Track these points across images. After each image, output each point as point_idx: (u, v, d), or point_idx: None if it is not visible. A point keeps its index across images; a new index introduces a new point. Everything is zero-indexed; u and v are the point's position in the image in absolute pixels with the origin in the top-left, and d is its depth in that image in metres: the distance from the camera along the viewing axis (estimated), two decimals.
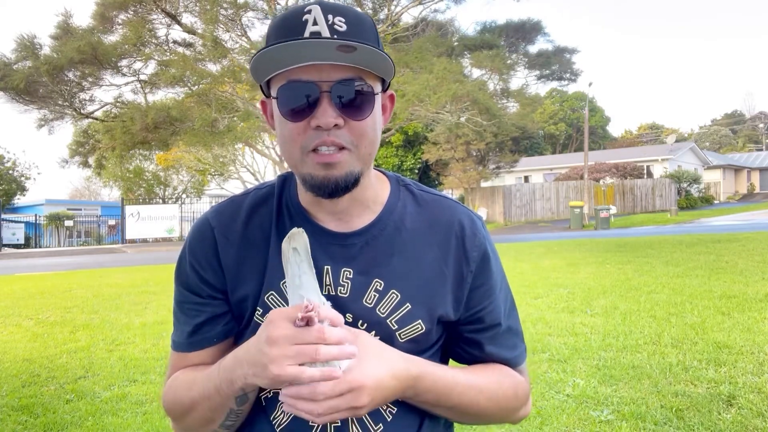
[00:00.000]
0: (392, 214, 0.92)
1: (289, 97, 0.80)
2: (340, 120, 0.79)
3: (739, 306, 5.69)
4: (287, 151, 0.83)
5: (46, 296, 8.76)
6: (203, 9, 16.06)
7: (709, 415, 3.10)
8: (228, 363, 0.80)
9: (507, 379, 0.94)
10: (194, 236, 0.94)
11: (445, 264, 0.90)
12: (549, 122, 49.94)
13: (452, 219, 0.93)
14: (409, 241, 0.90)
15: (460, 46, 19.36)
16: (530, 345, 4.69)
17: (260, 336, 0.72)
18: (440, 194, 0.98)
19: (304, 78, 0.78)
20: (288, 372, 0.68)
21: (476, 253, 0.92)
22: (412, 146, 27.60)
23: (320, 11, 0.77)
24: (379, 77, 0.84)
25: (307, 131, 0.80)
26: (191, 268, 0.91)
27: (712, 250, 10.49)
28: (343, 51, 0.75)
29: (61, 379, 4.37)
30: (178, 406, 0.89)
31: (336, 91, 0.78)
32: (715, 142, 60.16)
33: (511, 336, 0.96)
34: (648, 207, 29.51)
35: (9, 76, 15.20)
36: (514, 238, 18.32)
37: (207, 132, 16.53)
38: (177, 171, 35.65)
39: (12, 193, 33.01)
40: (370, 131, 0.82)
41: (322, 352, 0.68)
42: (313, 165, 0.80)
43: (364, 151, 0.82)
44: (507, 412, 0.95)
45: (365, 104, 0.81)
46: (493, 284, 0.94)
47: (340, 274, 0.87)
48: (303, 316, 0.68)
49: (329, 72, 0.78)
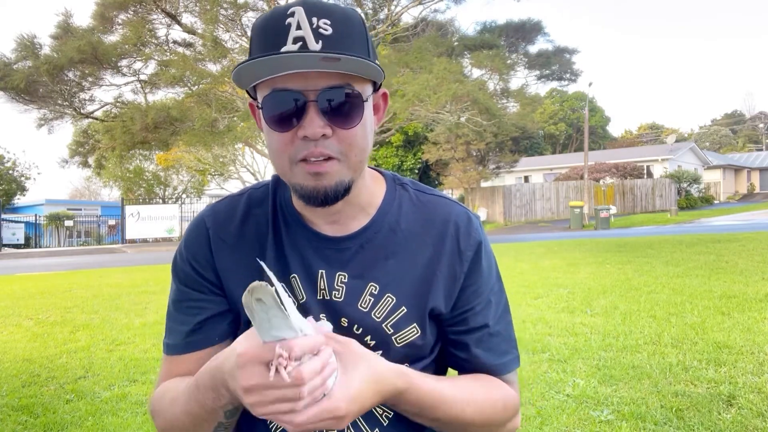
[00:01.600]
0: (387, 215, 0.90)
1: (275, 106, 0.77)
2: (327, 129, 0.76)
3: (739, 306, 5.69)
4: (276, 160, 0.81)
5: (46, 296, 8.75)
6: (203, 9, 16.06)
7: (709, 415, 3.10)
8: (206, 380, 0.75)
9: (496, 391, 0.90)
10: (190, 235, 0.92)
11: (438, 263, 0.89)
12: (549, 122, 49.93)
13: (448, 218, 0.91)
14: (403, 243, 0.89)
15: (460, 46, 19.35)
16: (530, 345, 4.68)
17: (233, 375, 0.67)
18: (437, 193, 0.96)
19: (289, 86, 0.75)
20: (270, 410, 0.65)
21: (470, 252, 0.90)
22: (412, 146, 27.59)
23: (304, 14, 0.73)
24: (369, 79, 0.81)
25: (295, 141, 0.77)
26: (189, 266, 0.90)
27: (712, 250, 10.49)
28: (327, 62, 0.72)
29: (61, 379, 4.36)
30: (162, 421, 0.86)
31: (322, 100, 0.75)
32: (715, 142, 60.16)
33: (500, 341, 0.93)
34: (648, 207, 29.51)
35: (9, 76, 15.20)
36: (514, 238, 18.32)
37: (207, 132, 16.52)
38: (177, 171, 35.65)
39: (12, 193, 33.00)
40: (360, 139, 0.79)
41: (305, 392, 0.64)
42: (302, 175, 0.78)
43: (354, 160, 0.79)
44: (494, 426, 0.91)
45: (354, 112, 0.77)
46: (483, 284, 0.91)
47: (335, 278, 0.86)
48: (274, 369, 0.63)
49: (315, 79, 0.75)
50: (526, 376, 3.89)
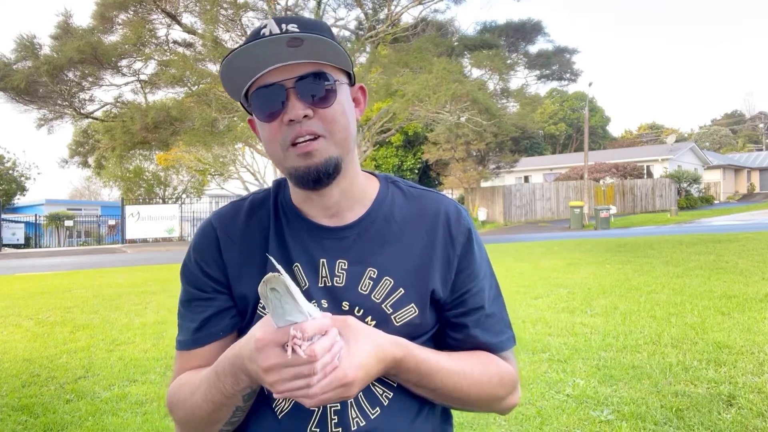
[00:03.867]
0: (382, 206, 0.97)
1: (261, 101, 0.87)
2: (309, 111, 0.85)
3: (739, 306, 5.69)
4: (271, 151, 0.89)
5: (46, 296, 8.76)
6: (203, 9, 16.04)
7: (709, 415, 3.10)
8: (226, 367, 0.82)
9: (492, 366, 0.96)
10: (198, 238, 1.00)
11: (433, 250, 0.95)
12: (549, 122, 49.93)
13: (438, 209, 0.98)
14: (398, 231, 0.96)
15: (460, 46, 19.32)
16: (530, 345, 4.69)
17: (252, 358, 0.75)
18: (427, 189, 1.04)
19: (270, 81, 0.86)
20: (289, 387, 0.72)
21: (462, 238, 0.97)
22: (412, 146, 27.60)
23: (275, 23, 0.85)
24: (344, 71, 0.91)
25: (282, 128, 0.86)
26: (196, 266, 0.97)
27: (712, 250, 10.49)
28: (294, 45, 0.82)
29: (61, 379, 4.37)
30: (182, 411, 0.92)
31: (300, 86, 0.85)
32: (715, 142, 60.13)
33: (495, 321, 0.99)
34: (648, 207, 29.50)
35: (9, 76, 15.18)
36: (514, 238, 18.31)
37: (207, 132, 16.50)
38: (177, 171, 35.61)
39: (12, 193, 33.02)
40: (340, 117, 0.88)
41: (318, 367, 0.71)
42: (294, 158, 0.87)
43: (339, 136, 0.88)
44: (493, 399, 0.96)
45: (329, 93, 0.87)
46: (476, 268, 0.98)
47: (335, 266, 0.92)
48: (291, 349, 0.71)
49: (291, 70, 0.85)
50: (526, 376, 3.89)
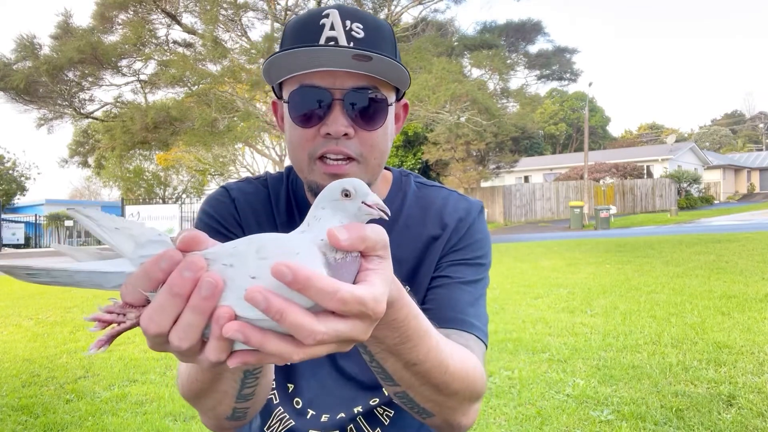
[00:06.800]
0: (392, 204, 0.92)
1: (301, 102, 0.78)
2: (350, 129, 0.77)
3: (739, 306, 5.69)
4: (295, 156, 0.82)
5: (46, 296, 8.75)
6: (203, 9, 16.04)
7: (709, 415, 3.10)
8: None
9: (473, 358, 0.82)
10: (215, 199, 0.92)
11: (434, 242, 0.91)
12: (549, 122, 49.93)
13: (446, 202, 0.94)
14: (404, 228, 0.92)
15: (460, 46, 19.32)
16: (530, 345, 4.68)
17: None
18: (439, 186, 0.99)
19: (317, 83, 0.76)
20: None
21: (452, 222, 0.91)
22: (412, 146, 27.59)
23: (338, 16, 0.76)
24: (394, 86, 0.82)
25: (317, 138, 0.78)
26: (217, 222, 0.89)
27: (712, 250, 10.48)
28: (359, 60, 0.73)
29: (61, 379, 4.36)
30: (192, 392, 0.82)
31: (349, 99, 0.76)
32: (715, 142, 60.15)
33: (467, 306, 0.87)
34: (648, 207, 29.49)
35: (9, 76, 15.19)
36: (514, 238, 18.31)
37: (207, 132, 16.51)
38: (177, 171, 35.64)
39: (12, 193, 33.02)
40: (381, 142, 0.80)
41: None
42: (320, 174, 0.79)
43: (374, 163, 0.81)
44: (468, 395, 0.78)
45: (378, 114, 0.78)
46: (468, 259, 0.90)
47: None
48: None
49: (343, 79, 0.76)
50: (526, 376, 3.89)
